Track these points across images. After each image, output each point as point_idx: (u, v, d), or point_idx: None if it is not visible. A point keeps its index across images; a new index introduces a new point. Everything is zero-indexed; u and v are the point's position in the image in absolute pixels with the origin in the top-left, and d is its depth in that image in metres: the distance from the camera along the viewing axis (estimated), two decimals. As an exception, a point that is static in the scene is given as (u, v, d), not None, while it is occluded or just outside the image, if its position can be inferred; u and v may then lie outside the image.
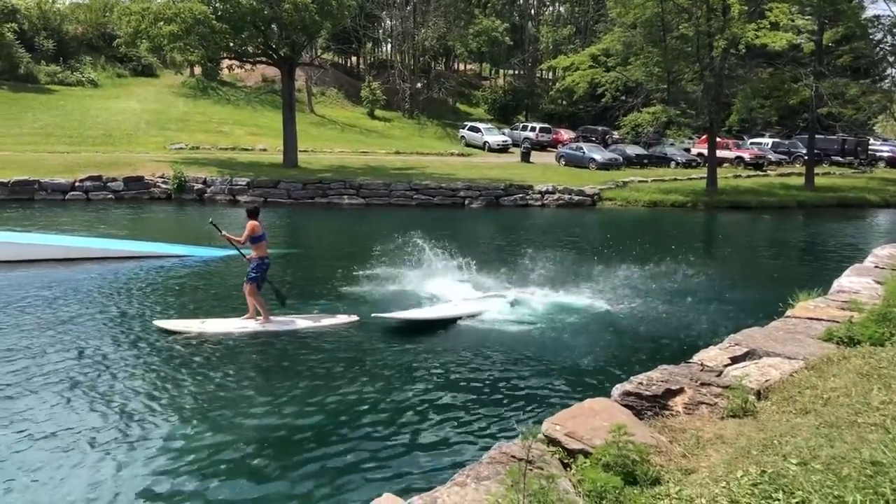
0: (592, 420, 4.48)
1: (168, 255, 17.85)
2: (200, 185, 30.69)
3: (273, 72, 49.68)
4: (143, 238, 19.81)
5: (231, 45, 34.37)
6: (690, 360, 5.94)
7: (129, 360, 10.24)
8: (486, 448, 4.61)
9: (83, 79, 51.41)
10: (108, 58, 54.77)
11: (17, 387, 9.07)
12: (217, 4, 33.00)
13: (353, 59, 71.42)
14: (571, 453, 4.18)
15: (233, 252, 18.29)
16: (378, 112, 58.37)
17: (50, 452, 7.39)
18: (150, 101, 48.97)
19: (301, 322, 12.21)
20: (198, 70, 55.09)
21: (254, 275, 12.06)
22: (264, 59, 36.26)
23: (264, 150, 41.39)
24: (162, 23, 31.16)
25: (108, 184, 29.60)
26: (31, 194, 28.22)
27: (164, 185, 30.29)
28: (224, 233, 12.25)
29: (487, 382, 9.63)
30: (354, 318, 12.40)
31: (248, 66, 40.16)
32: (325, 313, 12.76)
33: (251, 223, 11.93)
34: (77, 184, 29.06)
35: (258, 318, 12.08)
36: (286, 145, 35.72)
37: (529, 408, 8.71)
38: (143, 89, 52.12)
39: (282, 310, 12.64)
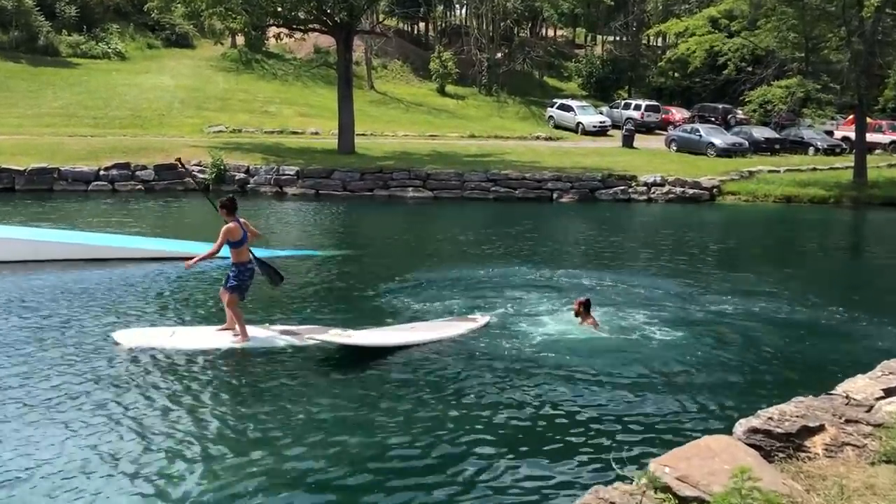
0: (710, 462, 4.42)
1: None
2: (243, 175, 31.44)
3: (327, 41, 50.54)
4: (174, 236, 20.30)
5: (279, 9, 35.06)
6: (833, 392, 5.81)
7: (88, 381, 10.17)
8: (580, 491, 4.59)
9: (109, 50, 53.07)
10: (137, 26, 56.53)
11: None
12: (263, -38, 33.70)
13: (421, 25, 72.08)
14: (684, 501, 4.14)
15: (283, 253, 18.74)
16: (449, 88, 58.70)
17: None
18: (185, 76, 50.35)
19: (284, 339, 11.90)
20: (240, 40, 56.36)
21: (234, 283, 11.74)
22: (317, 26, 36.87)
23: (316, 133, 42.11)
24: (200, -16, 32.02)
25: (137, 172, 30.54)
26: (50, 184, 29.27)
27: (200, 175, 31.01)
28: (190, 261, 11.94)
29: (577, 411, 9.55)
30: (349, 333, 11.90)
31: (298, 35, 40.78)
32: (315, 326, 12.53)
33: (228, 227, 11.46)
34: (102, 172, 30.05)
35: (236, 331, 11.80)
36: (341, 128, 36.24)
37: (631, 444, 8.60)
38: (177, 63, 53.60)
39: (262, 322, 12.57)
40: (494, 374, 10.87)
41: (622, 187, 32.37)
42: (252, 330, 11.94)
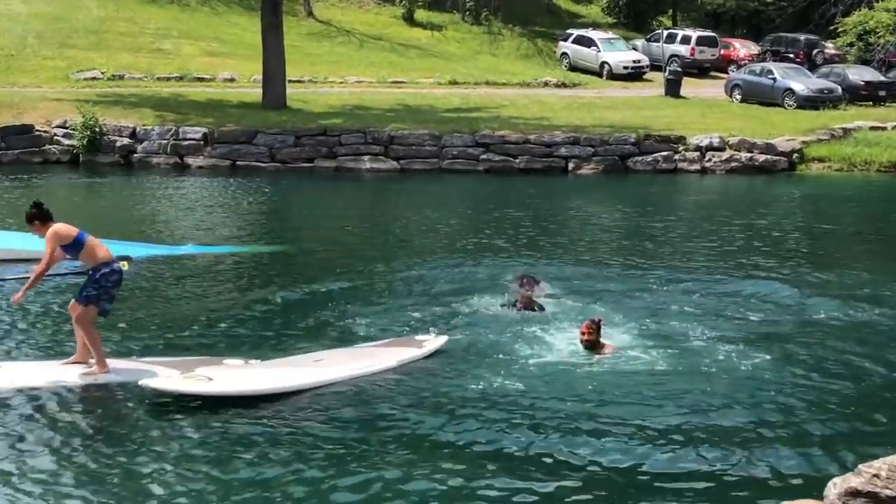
0: (793, 536, 4.44)
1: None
2: (126, 140, 31.25)
3: (245, -51, 50.46)
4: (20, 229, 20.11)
5: None
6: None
7: None
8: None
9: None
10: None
11: None
12: None
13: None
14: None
15: (185, 250, 18.72)
16: (420, 14, 58.56)
17: None
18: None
19: (164, 373, 11.47)
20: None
21: (91, 291, 11.37)
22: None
23: (231, 80, 42.09)
24: None
25: (-24, 138, 30.42)
26: None
27: (66, 141, 30.88)
28: (17, 294, 11.44)
29: (610, 459, 9.56)
30: (210, 374, 11.42)
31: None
32: (203, 358, 12.35)
33: (54, 229, 11.15)
34: (-75, 139, 29.94)
35: (90, 363, 11.54)
36: (267, 73, 36.18)
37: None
38: (31, -19, 53.37)
39: (131, 352, 12.51)
40: (429, 438, 10.33)
41: (665, 153, 32.46)
42: (114, 362, 11.70)
